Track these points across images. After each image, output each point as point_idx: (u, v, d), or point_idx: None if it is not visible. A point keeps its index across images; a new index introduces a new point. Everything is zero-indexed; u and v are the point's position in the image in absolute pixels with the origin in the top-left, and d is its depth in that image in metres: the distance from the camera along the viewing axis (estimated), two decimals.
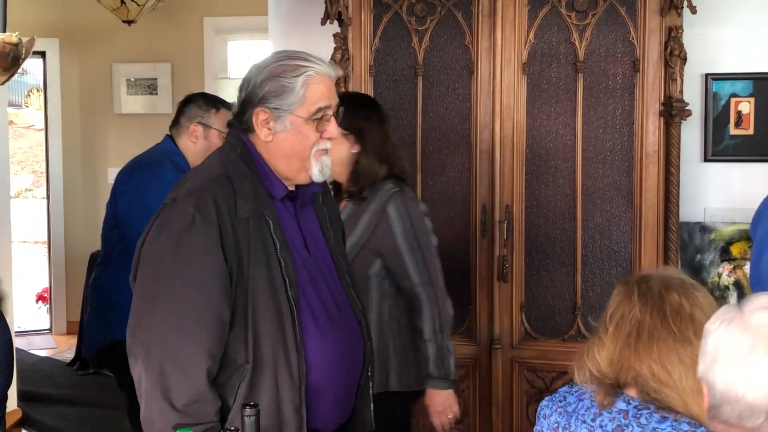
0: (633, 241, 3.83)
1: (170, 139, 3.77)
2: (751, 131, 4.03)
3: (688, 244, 4.01)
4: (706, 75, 4.05)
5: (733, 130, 4.06)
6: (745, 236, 3.87)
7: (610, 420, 1.90)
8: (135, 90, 6.95)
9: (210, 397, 2.11)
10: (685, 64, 3.72)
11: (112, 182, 3.88)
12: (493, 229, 3.92)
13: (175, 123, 3.78)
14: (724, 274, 3.99)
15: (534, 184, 3.94)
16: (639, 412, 1.87)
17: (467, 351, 3.91)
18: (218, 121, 3.66)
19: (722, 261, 4.00)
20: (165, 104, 6.96)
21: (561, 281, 3.93)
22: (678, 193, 3.78)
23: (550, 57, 3.88)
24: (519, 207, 3.94)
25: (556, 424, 2.02)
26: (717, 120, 4.06)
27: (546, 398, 2.10)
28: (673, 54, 3.68)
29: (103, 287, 3.76)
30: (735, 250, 3.97)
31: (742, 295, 3.94)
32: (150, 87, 6.96)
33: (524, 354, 3.95)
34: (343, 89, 3.97)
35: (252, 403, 1.86)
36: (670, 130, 3.74)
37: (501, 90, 3.90)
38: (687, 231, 4.01)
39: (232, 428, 1.74)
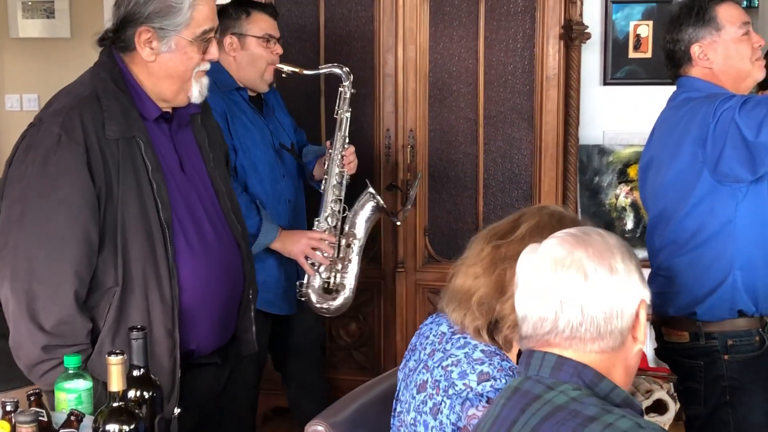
0: (533, 164, 3.88)
1: None
2: (649, 54, 4.09)
3: (586, 166, 4.08)
4: None
5: (631, 54, 4.11)
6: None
7: (429, 343, 1.99)
8: (31, 14, 6.71)
9: (79, 319, 2.09)
10: None
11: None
12: (397, 153, 3.93)
13: None
14: (621, 195, 4.07)
15: (437, 108, 3.94)
16: (452, 337, 1.95)
17: (371, 274, 3.94)
18: (253, 26, 3.25)
19: (620, 183, 4.08)
20: (63, 28, 6.74)
21: (463, 204, 3.97)
22: (578, 116, 3.83)
23: None
24: (422, 131, 3.94)
25: (412, 345, 2.08)
26: (616, 43, 4.10)
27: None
28: None
29: None
30: (632, 171, 4.05)
31: (638, 216, 4.03)
32: (47, 10, 6.72)
33: (428, 277, 3.99)
34: None
35: (139, 327, 1.85)
36: (570, 54, 3.77)
37: (404, 13, 3.88)
38: (586, 153, 4.07)
39: (118, 351, 1.72)
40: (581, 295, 1.50)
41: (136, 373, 1.85)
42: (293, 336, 3.47)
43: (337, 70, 3.35)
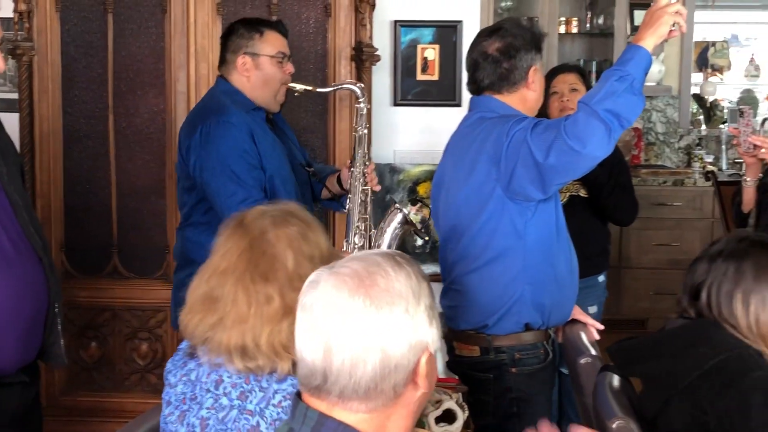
0: None
1: (223, 79, 3.21)
2: (436, 77, 4.24)
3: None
4: (395, 22, 4.21)
5: (419, 76, 4.25)
6: (430, 177, 4.08)
7: (232, 386, 1.86)
8: None
9: None
10: (374, 10, 3.83)
11: None
12: None
13: (222, 61, 3.22)
14: (412, 213, 4.20)
15: None
16: (260, 375, 1.85)
17: (162, 296, 3.86)
18: (266, 45, 3.15)
19: (410, 200, 4.20)
20: None
21: None
22: (370, 135, 3.91)
23: None
24: None
25: (182, 395, 1.94)
26: (405, 65, 4.23)
27: (170, 360, 2.02)
28: (363, 0, 3.79)
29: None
30: (422, 189, 4.18)
31: (427, 231, 4.17)
32: None
33: None
34: (27, 25, 3.76)
35: None
36: (361, 75, 3.86)
37: (195, 30, 3.84)
38: (378, 172, 4.16)
39: None
40: (354, 349, 1.38)
41: None
42: None
43: (352, 87, 3.30)
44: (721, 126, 6.28)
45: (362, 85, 3.36)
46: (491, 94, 2.70)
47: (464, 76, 2.86)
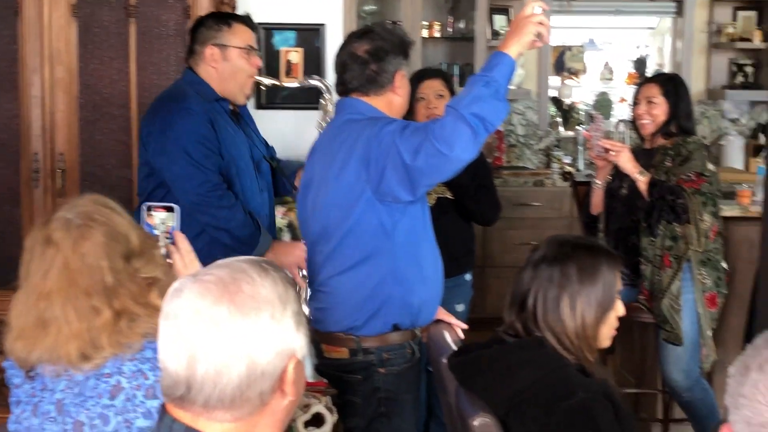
0: None
1: (190, 71, 3.23)
2: (300, 80, 4.22)
3: None
4: (259, 25, 4.17)
5: (284, 79, 4.22)
6: None
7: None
8: None
9: None
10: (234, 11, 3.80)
11: None
12: (46, 177, 3.76)
13: (191, 52, 3.25)
14: (279, 216, 4.16)
15: (89, 130, 3.83)
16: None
17: None
18: (234, 37, 3.19)
19: (277, 204, 4.17)
20: None
21: None
22: None
23: (101, 0, 3.77)
24: (74, 155, 3.81)
25: (32, 389, 1.92)
26: (271, 69, 4.19)
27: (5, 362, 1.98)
28: (224, 3, 3.75)
29: None
30: None
31: (295, 236, 4.14)
32: None
33: None
34: None
35: None
36: None
37: (50, 33, 3.73)
38: None
39: None
40: (218, 357, 1.35)
41: None
42: None
43: (318, 83, 3.35)
44: (578, 128, 6.48)
45: (328, 81, 3.41)
46: (359, 96, 2.72)
47: (330, 79, 2.87)
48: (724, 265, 3.71)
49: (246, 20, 3.29)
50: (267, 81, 3.42)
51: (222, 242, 3.07)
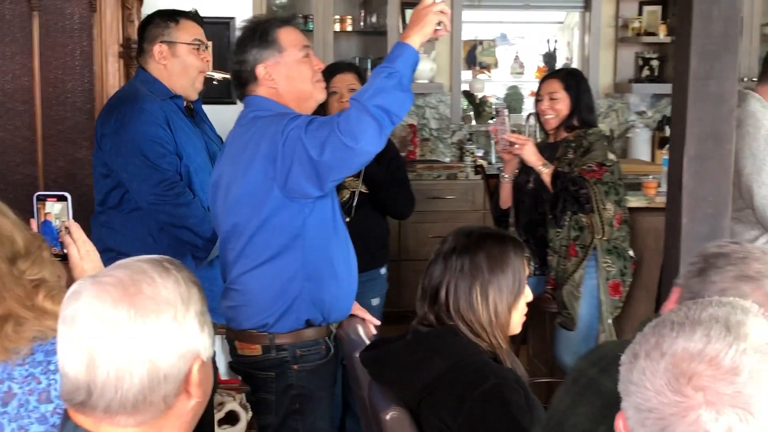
0: None
1: (143, 69, 3.25)
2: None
3: None
4: None
5: None
6: None
7: None
8: None
9: None
10: (142, 5, 3.74)
11: None
12: None
13: (141, 51, 3.28)
14: None
15: None
16: None
17: None
18: (182, 33, 3.22)
19: None
20: None
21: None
22: None
23: None
24: None
25: None
26: None
27: None
28: None
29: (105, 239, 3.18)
30: None
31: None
32: None
33: None
34: None
35: None
36: (130, 72, 3.75)
37: None
38: None
39: None
40: (119, 361, 1.32)
41: None
42: None
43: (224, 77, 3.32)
44: (490, 121, 6.53)
45: None
46: (255, 93, 2.69)
47: None
48: (631, 253, 3.79)
49: (193, 16, 3.31)
50: (218, 75, 3.44)
51: (184, 240, 3.11)
